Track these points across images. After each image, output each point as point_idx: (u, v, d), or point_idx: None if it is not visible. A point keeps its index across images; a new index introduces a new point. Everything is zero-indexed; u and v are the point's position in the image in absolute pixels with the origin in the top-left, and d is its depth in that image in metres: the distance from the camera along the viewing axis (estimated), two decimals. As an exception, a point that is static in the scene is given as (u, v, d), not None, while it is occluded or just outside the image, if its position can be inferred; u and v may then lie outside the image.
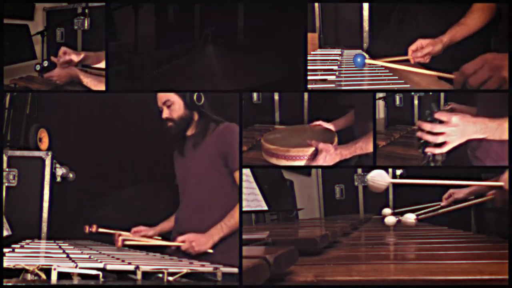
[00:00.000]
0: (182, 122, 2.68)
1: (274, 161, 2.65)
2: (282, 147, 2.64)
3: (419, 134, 2.10)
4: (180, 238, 2.60)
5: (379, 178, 2.16)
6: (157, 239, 2.81)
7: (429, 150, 2.09)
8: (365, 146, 2.65)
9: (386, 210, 3.72)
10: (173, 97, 2.65)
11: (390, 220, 2.96)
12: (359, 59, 2.74)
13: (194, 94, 2.65)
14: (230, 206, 2.59)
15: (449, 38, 2.69)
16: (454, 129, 2.04)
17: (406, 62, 2.73)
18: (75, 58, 2.88)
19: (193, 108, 2.67)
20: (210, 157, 2.62)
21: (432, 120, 2.05)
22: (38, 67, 2.90)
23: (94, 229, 2.88)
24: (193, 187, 2.68)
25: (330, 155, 2.55)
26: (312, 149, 2.59)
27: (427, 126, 2.06)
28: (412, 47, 2.71)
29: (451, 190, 3.20)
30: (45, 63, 2.89)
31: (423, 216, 2.86)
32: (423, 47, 2.68)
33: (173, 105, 2.65)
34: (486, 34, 2.74)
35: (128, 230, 2.84)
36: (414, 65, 2.69)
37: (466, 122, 2.05)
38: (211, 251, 2.57)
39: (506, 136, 2.12)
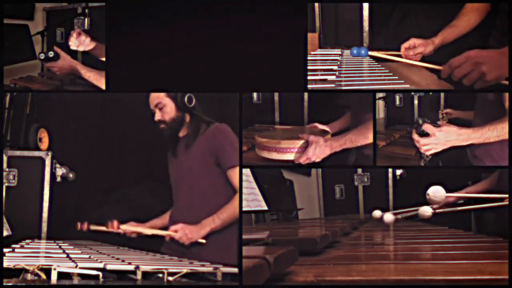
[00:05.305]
0: (174, 124, 2.70)
1: (266, 154, 2.68)
2: (273, 139, 2.66)
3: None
4: (173, 227, 2.62)
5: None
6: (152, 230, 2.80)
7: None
8: (355, 138, 2.66)
9: (377, 212, 3.68)
10: (165, 99, 2.68)
11: (389, 217, 2.94)
12: (363, 51, 2.88)
13: (185, 96, 2.67)
14: (224, 204, 2.61)
15: (440, 40, 2.80)
16: (436, 142, 2.36)
17: (399, 57, 2.85)
18: (88, 41, 2.87)
19: (185, 110, 2.70)
20: (201, 157, 2.64)
21: (421, 130, 2.39)
22: (42, 56, 2.86)
23: (85, 226, 2.88)
24: (186, 187, 2.70)
25: (319, 147, 2.58)
26: (302, 142, 2.62)
27: (415, 137, 2.40)
28: (405, 45, 2.84)
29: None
30: (51, 54, 2.84)
31: (441, 210, 2.88)
32: (415, 47, 2.77)
33: (164, 108, 2.68)
34: (484, 33, 2.76)
35: None
36: (409, 58, 2.83)
37: (451, 131, 2.36)
38: (203, 241, 2.59)
39: (492, 139, 2.38)
